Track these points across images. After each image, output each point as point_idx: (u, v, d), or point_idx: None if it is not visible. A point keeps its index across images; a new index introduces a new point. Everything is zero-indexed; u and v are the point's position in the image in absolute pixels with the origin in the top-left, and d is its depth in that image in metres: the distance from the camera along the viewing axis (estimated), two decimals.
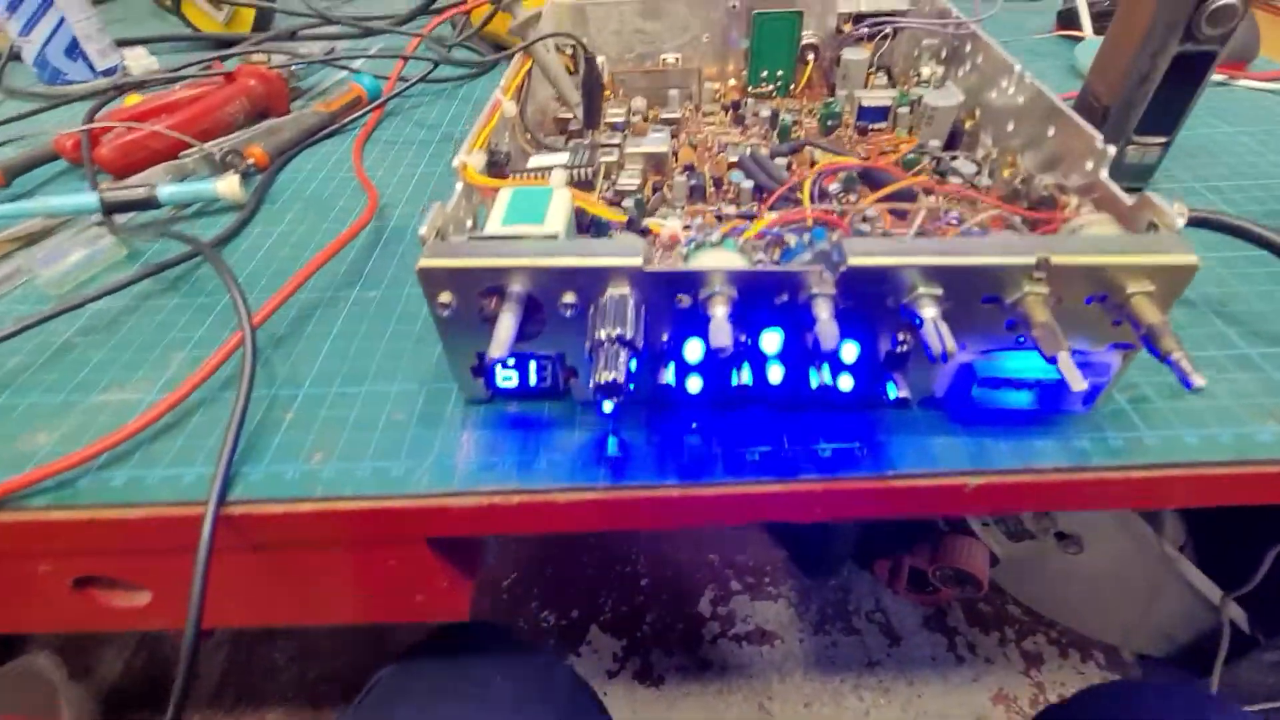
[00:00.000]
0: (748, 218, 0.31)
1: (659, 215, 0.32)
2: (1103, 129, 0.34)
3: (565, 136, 0.39)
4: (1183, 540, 0.68)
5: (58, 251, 0.35)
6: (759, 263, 0.24)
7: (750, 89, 0.43)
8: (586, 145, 0.34)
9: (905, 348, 0.23)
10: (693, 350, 0.23)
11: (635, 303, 0.21)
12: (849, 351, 0.23)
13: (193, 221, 0.40)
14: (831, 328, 0.20)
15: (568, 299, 0.22)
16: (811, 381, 0.23)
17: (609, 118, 0.39)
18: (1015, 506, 0.24)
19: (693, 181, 0.33)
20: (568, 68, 0.40)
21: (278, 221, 0.39)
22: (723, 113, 0.42)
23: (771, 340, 0.23)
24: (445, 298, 0.22)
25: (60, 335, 0.32)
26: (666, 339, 0.23)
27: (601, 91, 0.38)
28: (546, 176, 0.29)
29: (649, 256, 0.22)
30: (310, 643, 0.87)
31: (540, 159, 0.32)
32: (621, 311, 0.21)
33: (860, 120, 0.38)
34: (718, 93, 0.43)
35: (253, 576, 0.28)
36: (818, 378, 0.23)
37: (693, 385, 0.25)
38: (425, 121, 0.50)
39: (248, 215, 0.39)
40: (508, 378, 0.26)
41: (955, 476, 0.23)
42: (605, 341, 0.20)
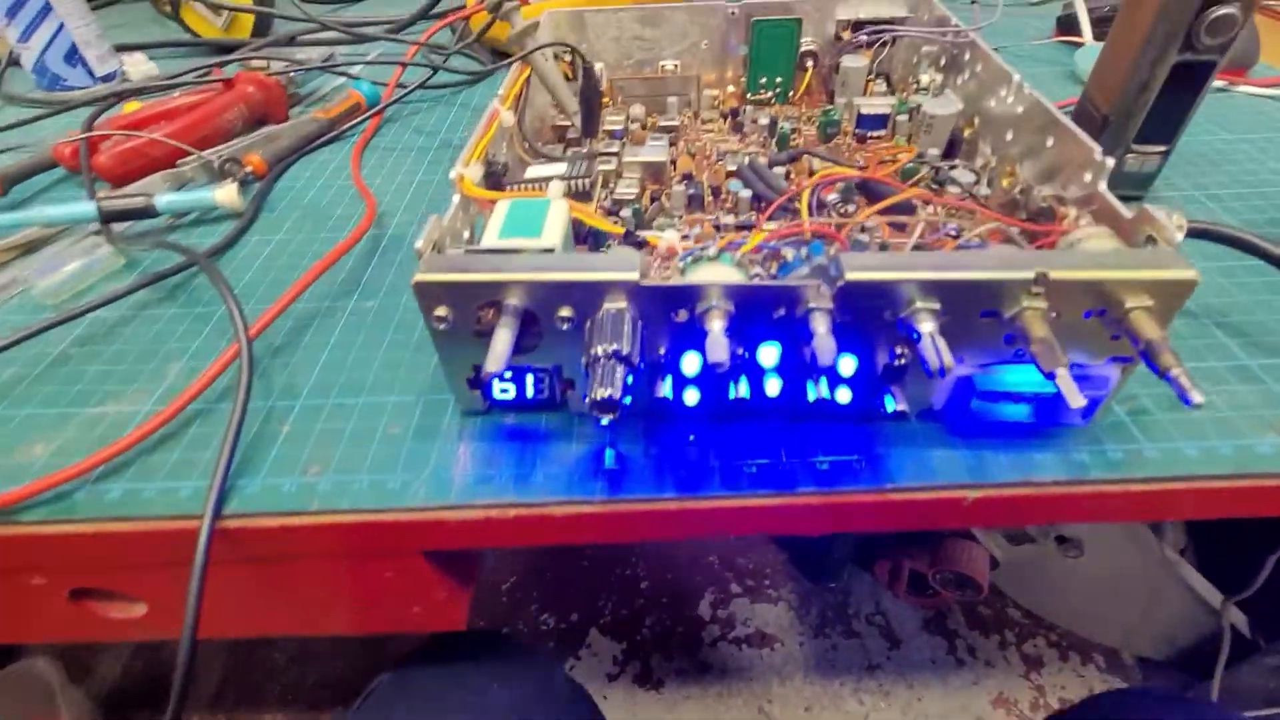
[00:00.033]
0: (746, 227, 0.31)
1: (657, 225, 0.32)
2: (1102, 137, 0.34)
3: (564, 145, 0.39)
4: (1183, 544, 0.68)
5: (54, 261, 0.35)
6: (756, 277, 0.24)
7: (749, 96, 0.43)
8: (584, 155, 0.34)
9: (903, 361, 0.22)
10: (690, 363, 0.23)
11: (632, 317, 0.21)
12: (846, 365, 0.23)
13: (191, 230, 0.40)
14: (829, 342, 0.20)
15: (564, 313, 0.22)
16: (809, 395, 0.23)
17: (607, 125, 0.39)
18: (1014, 520, 0.24)
19: (691, 191, 0.33)
20: (566, 75, 0.40)
21: (276, 230, 0.39)
22: (721, 120, 0.42)
23: (769, 354, 0.23)
24: (441, 311, 0.22)
25: (57, 346, 0.31)
26: (663, 352, 0.23)
27: (600, 100, 0.38)
28: (544, 188, 0.29)
29: (645, 270, 0.22)
30: (309, 646, 0.87)
31: (538, 169, 0.31)
32: (618, 327, 0.21)
33: (859, 128, 0.38)
34: (716, 99, 0.43)
35: (249, 588, 0.28)
36: (815, 391, 0.23)
37: (690, 398, 0.25)
38: (424, 128, 0.50)
39: (246, 223, 0.39)
40: (504, 390, 0.26)
41: (954, 489, 0.23)
42: (601, 357, 0.20)
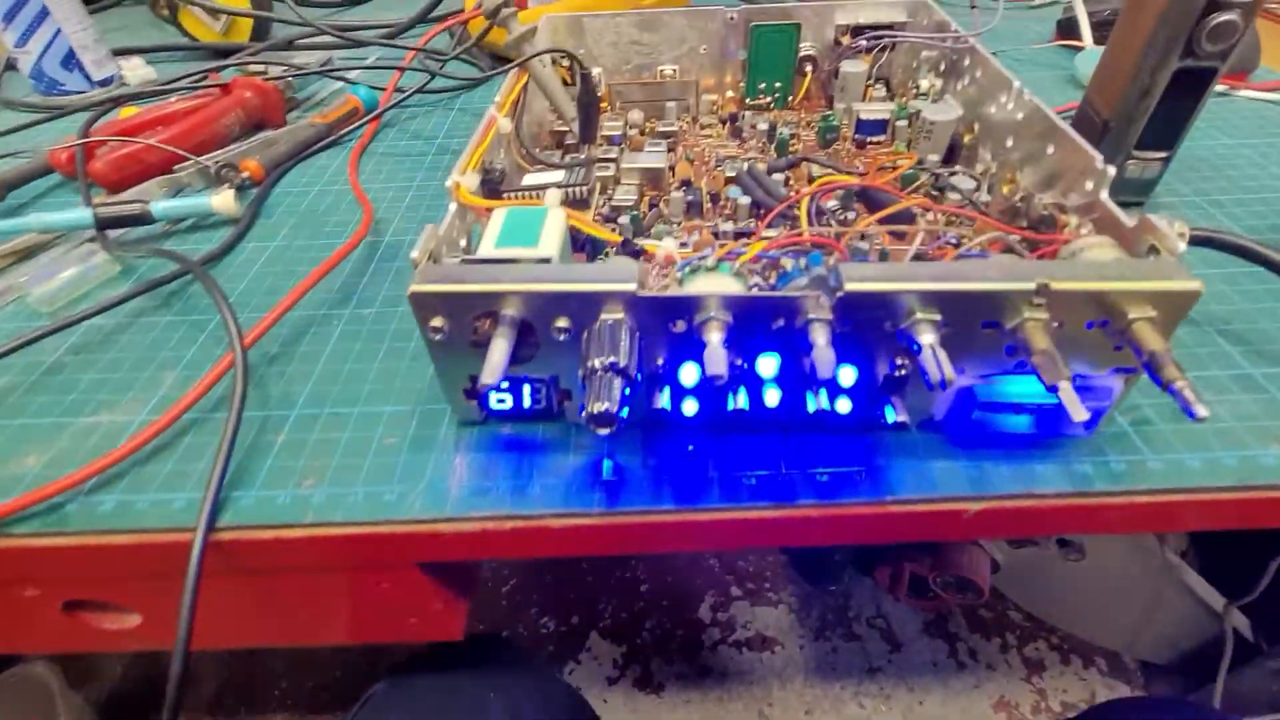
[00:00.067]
0: (745, 235, 0.31)
1: (655, 232, 0.32)
2: (1103, 143, 0.34)
3: (561, 151, 0.39)
4: (1185, 547, 0.68)
5: (50, 268, 0.35)
6: (754, 287, 0.24)
7: (748, 101, 0.43)
8: (582, 161, 0.34)
9: (904, 372, 0.22)
10: (688, 374, 0.23)
11: (629, 329, 0.21)
12: (846, 375, 0.23)
13: (187, 236, 0.40)
14: (828, 354, 0.20)
15: (561, 324, 0.22)
16: (809, 406, 0.23)
17: (605, 131, 0.38)
18: (1016, 531, 0.24)
19: (689, 197, 0.33)
20: (564, 80, 0.40)
21: (272, 236, 0.39)
22: (720, 126, 0.41)
23: (768, 365, 0.22)
24: (437, 322, 0.22)
25: (51, 354, 0.31)
26: (661, 363, 0.23)
27: (598, 107, 0.38)
28: (541, 196, 0.29)
29: (643, 280, 0.22)
30: (308, 651, 0.87)
31: (535, 177, 0.31)
32: (615, 339, 0.20)
33: (858, 133, 0.38)
34: (715, 104, 0.43)
35: (243, 599, 0.28)
36: (815, 402, 0.23)
37: (688, 408, 0.24)
38: (422, 133, 0.50)
39: (242, 230, 0.39)
40: (501, 400, 0.25)
41: (955, 502, 0.23)
42: (598, 370, 0.20)
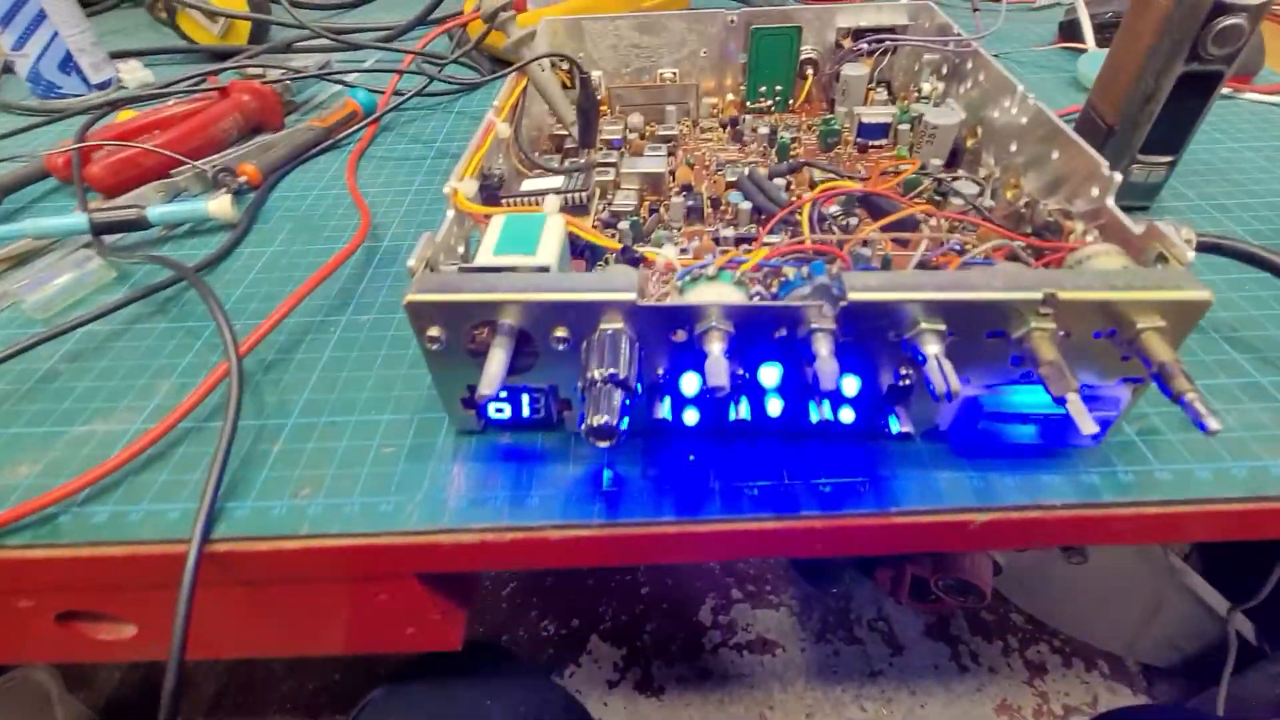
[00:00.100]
0: (746, 240, 0.31)
1: (655, 237, 0.31)
2: (1107, 148, 0.33)
3: (561, 155, 0.38)
4: (1188, 551, 0.67)
5: (45, 274, 0.35)
6: (756, 296, 0.23)
7: (748, 105, 0.43)
8: (582, 166, 0.34)
9: (908, 381, 0.22)
10: (689, 384, 0.23)
11: (629, 339, 0.21)
12: (850, 385, 0.22)
13: (184, 241, 0.40)
14: (831, 365, 0.19)
15: (560, 333, 0.21)
16: (812, 416, 0.23)
17: (605, 135, 0.38)
18: (1022, 543, 0.24)
19: (690, 202, 0.33)
20: (564, 83, 0.39)
21: (269, 242, 0.39)
22: (720, 129, 0.41)
23: (770, 374, 0.22)
24: (434, 332, 0.22)
25: (45, 362, 0.31)
26: (662, 372, 0.23)
27: (597, 111, 0.37)
28: (540, 202, 0.29)
29: (643, 290, 0.21)
30: (307, 655, 0.86)
31: (534, 183, 0.31)
32: (615, 349, 0.20)
33: (860, 137, 0.38)
34: (715, 108, 0.43)
35: (239, 610, 0.28)
36: (818, 412, 0.22)
37: (689, 418, 0.24)
38: (420, 137, 0.49)
39: (239, 235, 0.39)
40: (500, 410, 0.25)
41: (960, 513, 0.23)
42: (598, 382, 0.19)
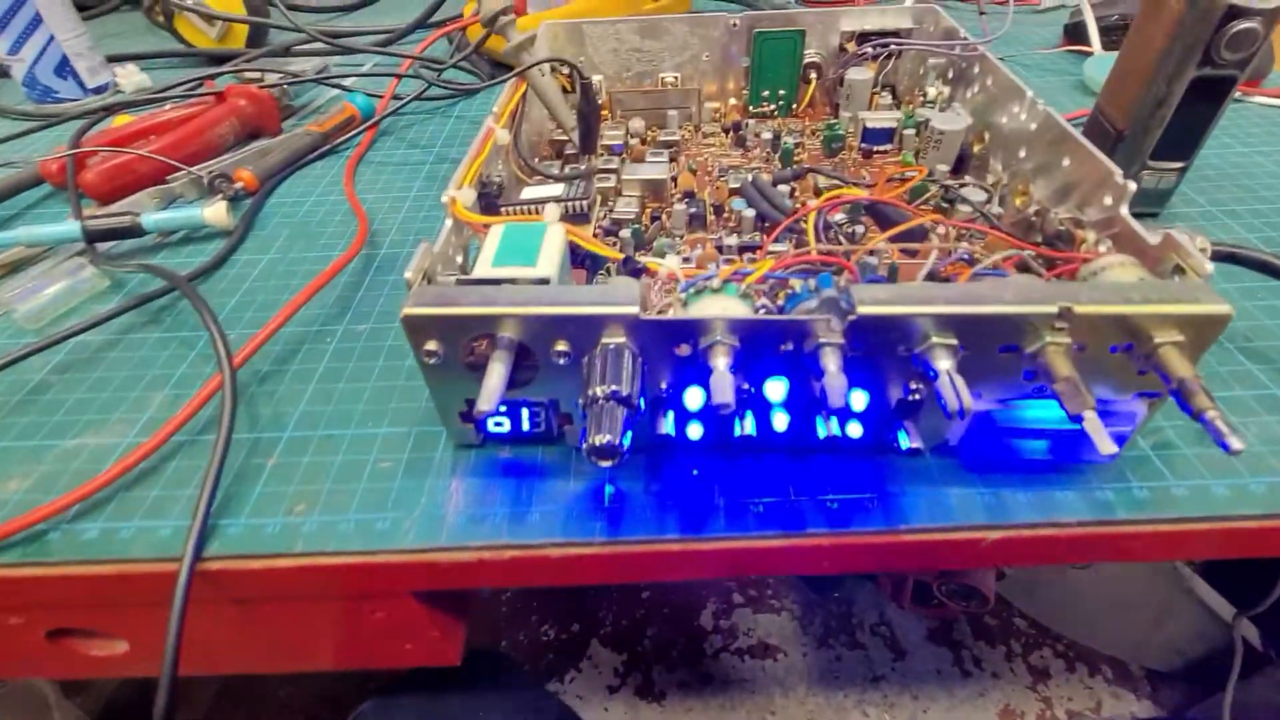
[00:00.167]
0: (750, 248, 0.30)
1: (658, 245, 0.31)
2: (1117, 153, 0.33)
3: (561, 161, 0.38)
4: None
5: (37, 283, 0.34)
6: (762, 309, 0.23)
7: (751, 109, 0.42)
8: (582, 173, 0.33)
9: (917, 396, 0.21)
10: (693, 398, 0.22)
11: (631, 353, 0.20)
12: (858, 399, 0.22)
13: (179, 249, 0.39)
14: (839, 381, 0.19)
15: (560, 347, 0.21)
16: (819, 431, 0.22)
17: (606, 140, 0.38)
18: (1035, 561, 0.23)
19: (692, 209, 0.32)
20: (564, 87, 0.39)
21: (266, 249, 0.38)
22: (723, 134, 0.41)
23: (776, 389, 0.22)
24: (432, 345, 0.21)
25: (37, 373, 0.30)
26: (665, 386, 0.22)
27: (598, 117, 0.37)
28: (540, 211, 0.28)
29: (646, 301, 0.21)
30: None
31: (534, 190, 0.30)
32: (617, 366, 0.19)
33: (864, 142, 0.37)
34: (718, 112, 0.42)
35: (233, 627, 0.27)
36: (825, 428, 0.22)
37: (693, 432, 0.24)
38: (419, 141, 0.49)
39: (235, 242, 0.38)
40: (499, 423, 0.25)
41: (971, 531, 0.22)
42: (600, 399, 0.19)
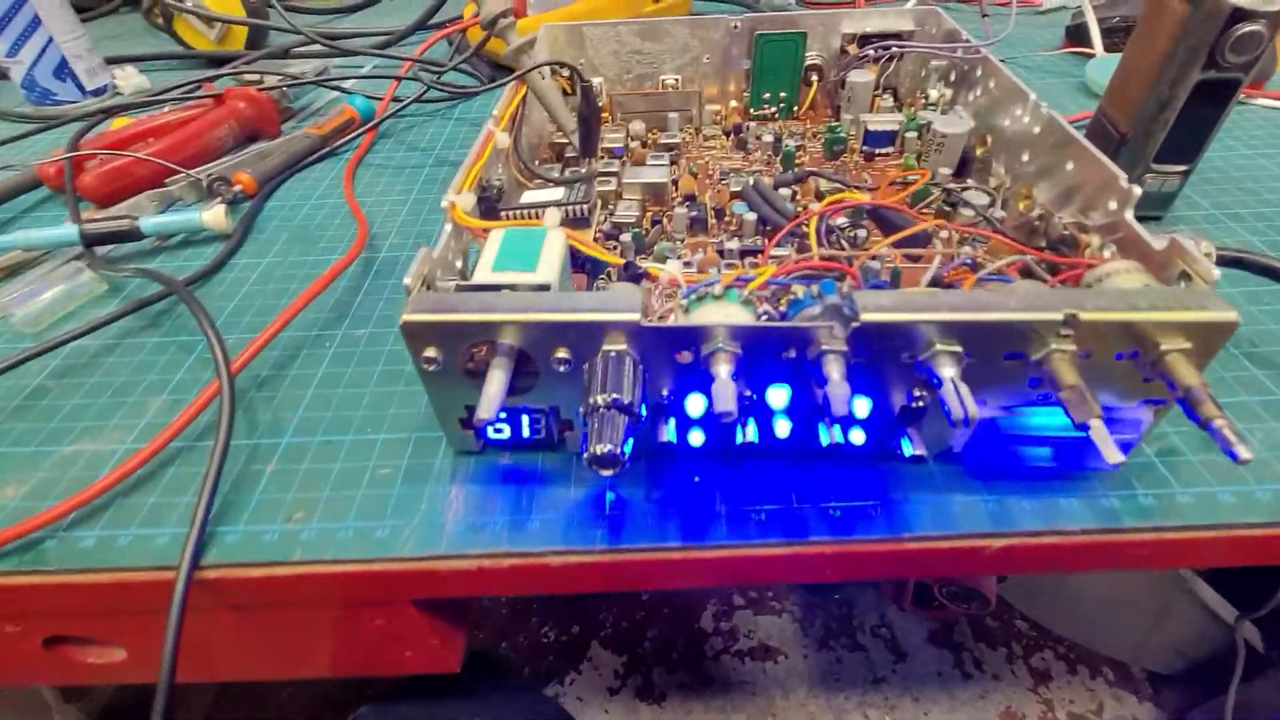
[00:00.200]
0: (751, 252, 0.30)
1: (658, 249, 0.31)
2: (1120, 156, 0.32)
3: (561, 164, 0.38)
4: None
5: (35, 287, 0.34)
6: (764, 315, 0.22)
7: (752, 111, 0.42)
8: (583, 177, 0.33)
9: (921, 403, 0.21)
10: (695, 405, 0.22)
11: (632, 360, 0.20)
12: (861, 406, 0.22)
13: (178, 252, 0.39)
14: (843, 389, 0.19)
15: (561, 354, 0.21)
16: (822, 439, 0.22)
17: (607, 143, 0.37)
18: (1040, 569, 0.23)
19: (693, 213, 0.32)
20: (564, 90, 0.38)
21: (264, 253, 0.38)
22: (724, 137, 0.40)
23: (778, 396, 0.21)
24: (431, 352, 0.21)
25: (34, 378, 0.30)
26: (666, 393, 0.22)
27: (599, 120, 0.37)
28: (541, 215, 0.28)
29: (647, 307, 0.21)
30: None
31: (534, 195, 0.30)
32: (618, 373, 0.19)
33: (866, 145, 0.37)
34: (718, 115, 0.42)
35: (231, 634, 0.27)
36: (828, 435, 0.22)
37: (695, 439, 0.23)
38: (419, 144, 0.49)
39: (234, 246, 0.38)
40: (499, 430, 0.24)
41: (975, 539, 0.22)
42: (601, 407, 0.19)
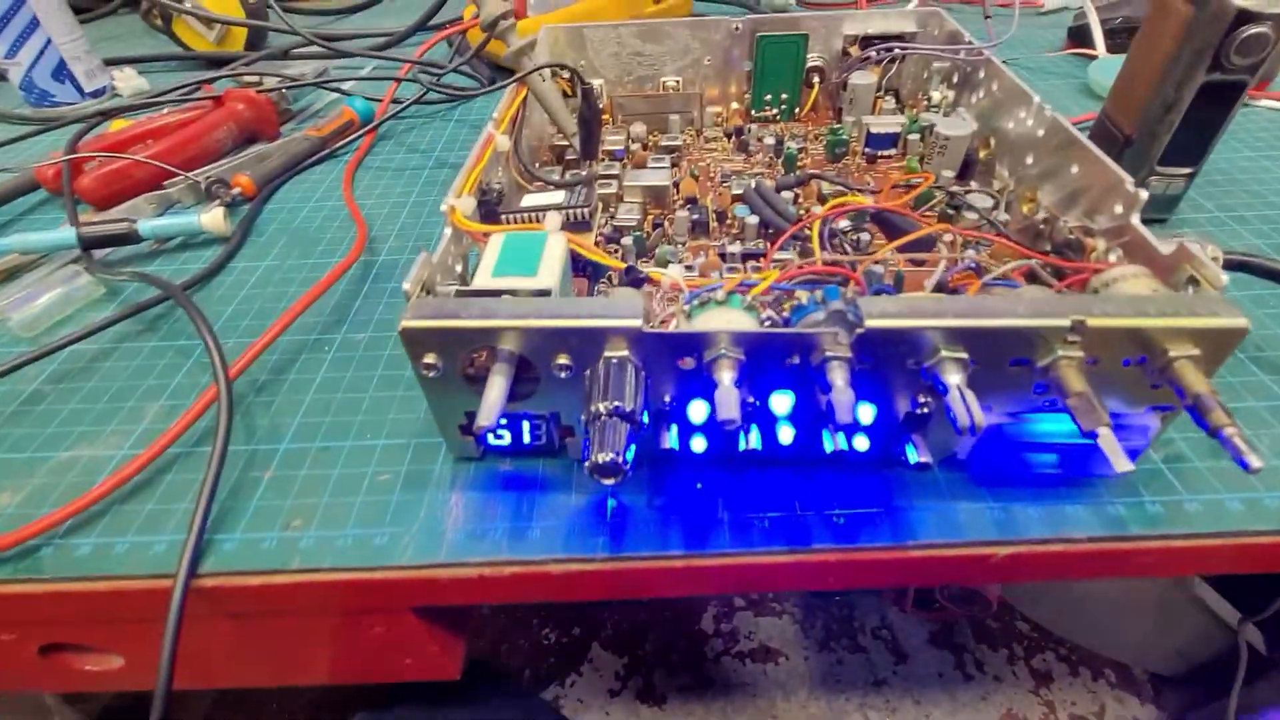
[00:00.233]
0: (754, 256, 0.30)
1: (660, 253, 0.30)
2: (1124, 159, 0.32)
3: (562, 167, 0.37)
4: None
5: (32, 291, 0.34)
6: (768, 321, 0.22)
7: (753, 113, 0.42)
8: (584, 179, 0.33)
9: (926, 410, 0.21)
10: (697, 411, 0.22)
11: (634, 367, 0.20)
12: (865, 413, 0.21)
13: (176, 255, 0.39)
14: (847, 397, 0.18)
15: (562, 360, 0.20)
16: (826, 445, 0.22)
17: (607, 145, 0.37)
18: (1046, 576, 0.23)
19: (695, 216, 0.32)
20: (565, 91, 0.38)
21: (263, 256, 0.38)
22: (725, 139, 0.40)
23: (782, 402, 0.21)
24: (430, 359, 0.21)
25: (31, 383, 0.30)
26: (668, 399, 0.22)
27: (599, 121, 0.36)
28: (541, 219, 0.28)
29: (649, 314, 0.20)
30: None
31: (534, 198, 0.30)
32: (620, 381, 0.19)
33: (868, 147, 0.37)
34: (720, 117, 0.42)
35: (229, 641, 0.27)
36: (832, 443, 0.21)
37: (697, 445, 0.23)
38: (419, 146, 0.48)
39: (233, 249, 0.38)
40: (500, 436, 0.24)
41: (981, 546, 0.22)
42: (603, 415, 0.18)
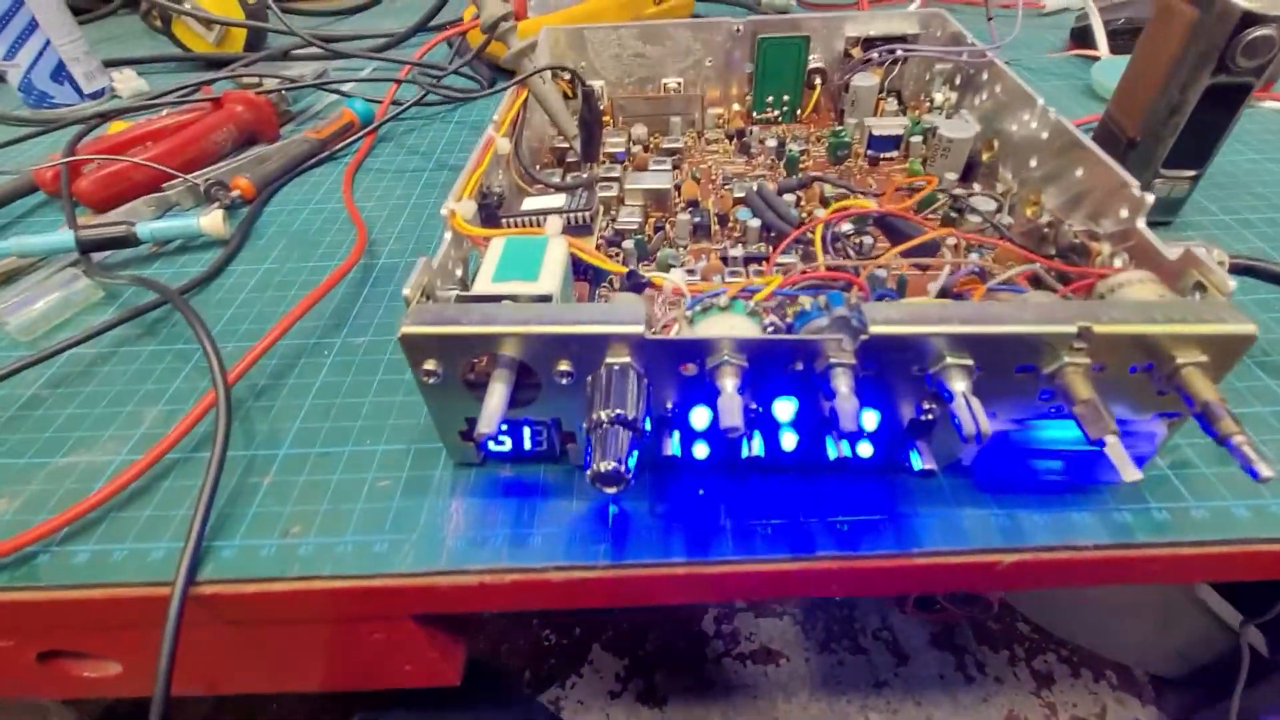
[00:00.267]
0: (756, 259, 0.30)
1: (661, 256, 0.30)
2: (1128, 161, 0.32)
3: (563, 170, 0.37)
4: None
5: (30, 295, 0.33)
6: (771, 327, 0.22)
7: (755, 115, 0.41)
8: (584, 182, 0.32)
9: (930, 416, 0.21)
10: (699, 418, 0.22)
11: (636, 374, 0.20)
12: (869, 419, 0.21)
13: (175, 258, 0.38)
14: (851, 404, 0.18)
15: (563, 366, 0.20)
16: (829, 452, 0.21)
17: (608, 148, 0.37)
18: (1052, 583, 0.22)
19: (697, 219, 0.32)
20: (565, 93, 0.38)
21: (262, 259, 0.38)
22: (727, 141, 0.40)
23: (785, 409, 0.21)
24: (430, 365, 0.21)
25: (28, 388, 0.30)
26: (671, 406, 0.22)
27: (600, 125, 0.36)
28: (542, 223, 0.27)
29: (651, 320, 0.20)
30: None
31: (535, 202, 0.30)
32: (621, 388, 0.19)
33: (870, 149, 0.37)
34: (721, 119, 0.42)
35: (227, 648, 0.27)
36: (835, 449, 0.21)
37: (699, 451, 0.23)
38: (419, 148, 0.48)
39: (232, 252, 0.38)
40: (500, 442, 0.24)
41: (986, 554, 0.21)
42: (604, 423, 0.18)
